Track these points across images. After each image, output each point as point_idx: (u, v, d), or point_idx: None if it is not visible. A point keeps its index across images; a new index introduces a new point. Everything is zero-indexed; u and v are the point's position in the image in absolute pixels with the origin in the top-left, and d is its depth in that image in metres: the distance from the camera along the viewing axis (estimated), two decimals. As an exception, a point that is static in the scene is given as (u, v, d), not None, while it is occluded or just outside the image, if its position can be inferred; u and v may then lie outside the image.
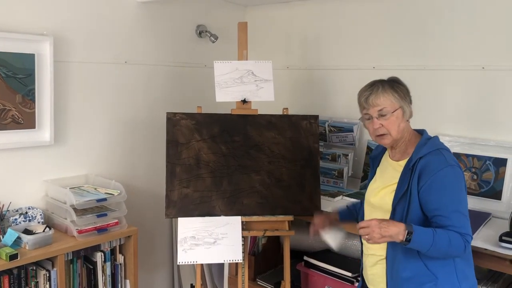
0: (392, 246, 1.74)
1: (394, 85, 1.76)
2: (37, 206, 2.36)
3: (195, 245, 2.29)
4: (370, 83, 1.78)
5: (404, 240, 1.58)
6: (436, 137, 1.78)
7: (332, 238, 2.05)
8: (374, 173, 1.94)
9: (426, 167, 1.67)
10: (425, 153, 1.70)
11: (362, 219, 1.91)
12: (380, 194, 1.82)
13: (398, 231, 1.58)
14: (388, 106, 1.72)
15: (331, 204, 2.52)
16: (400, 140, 1.78)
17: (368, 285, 1.92)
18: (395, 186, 1.76)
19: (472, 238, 1.65)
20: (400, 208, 1.72)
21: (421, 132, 1.82)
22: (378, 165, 1.93)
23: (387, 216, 1.75)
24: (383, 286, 1.81)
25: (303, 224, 2.87)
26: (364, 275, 1.96)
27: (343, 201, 2.59)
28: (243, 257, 2.37)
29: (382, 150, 1.94)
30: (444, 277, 1.68)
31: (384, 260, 1.79)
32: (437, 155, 1.69)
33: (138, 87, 2.85)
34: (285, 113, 2.54)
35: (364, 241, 1.87)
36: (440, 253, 1.63)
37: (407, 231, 1.58)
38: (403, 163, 1.77)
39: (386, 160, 1.89)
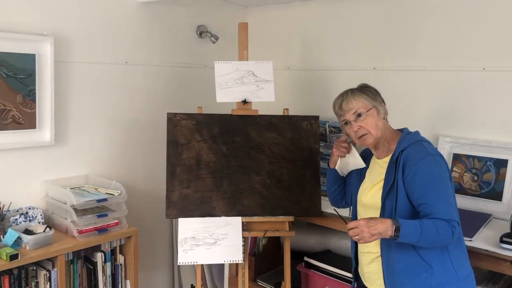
0: (386, 242, 1.77)
1: (362, 89, 1.87)
2: (37, 206, 2.36)
3: (196, 246, 2.29)
4: (340, 93, 1.89)
5: (392, 235, 1.61)
6: (416, 131, 1.85)
7: (356, 159, 1.99)
8: (364, 175, 1.97)
9: (408, 158, 1.73)
10: (406, 145, 1.77)
11: None
12: (371, 193, 1.86)
13: (386, 227, 1.61)
14: (361, 107, 1.81)
15: (331, 205, 2.52)
16: (381, 139, 1.84)
17: (365, 283, 1.94)
18: (383, 183, 1.80)
19: (459, 224, 1.67)
20: (389, 203, 1.75)
21: (402, 130, 1.88)
22: (367, 168, 1.96)
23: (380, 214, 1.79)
24: (380, 283, 1.82)
25: (304, 225, 2.87)
26: (360, 273, 1.98)
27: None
28: (244, 257, 2.37)
29: (370, 153, 1.97)
30: (439, 266, 1.70)
31: (380, 258, 1.81)
32: (418, 146, 1.76)
33: (138, 88, 2.85)
34: (285, 113, 2.54)
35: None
36: (430, 243, 1.66)
37: (394, 226, 1.60)
38: (387, 159, 1.82)
39: (373, 160, 1.94)
